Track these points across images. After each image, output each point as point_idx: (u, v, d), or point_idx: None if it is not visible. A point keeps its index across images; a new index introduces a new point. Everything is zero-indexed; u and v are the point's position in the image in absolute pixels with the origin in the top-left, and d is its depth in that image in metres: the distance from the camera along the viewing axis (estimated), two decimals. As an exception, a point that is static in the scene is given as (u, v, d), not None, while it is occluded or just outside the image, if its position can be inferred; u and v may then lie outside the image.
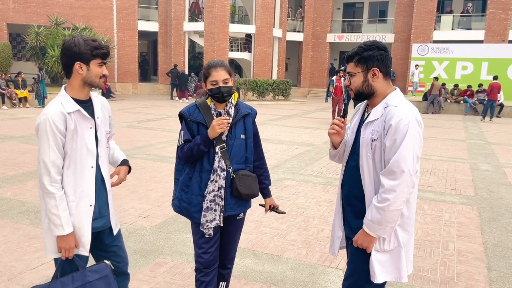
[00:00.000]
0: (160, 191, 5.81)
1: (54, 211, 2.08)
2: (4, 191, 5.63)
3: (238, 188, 2.49)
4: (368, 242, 2.09)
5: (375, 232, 2.04)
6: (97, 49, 2.14)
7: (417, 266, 3.77)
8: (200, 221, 2.51)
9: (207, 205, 2.49)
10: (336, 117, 2.27)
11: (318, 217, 4.97)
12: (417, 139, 1.99)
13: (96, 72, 2.17)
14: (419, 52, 23.28)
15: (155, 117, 14.30)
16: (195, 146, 2.42)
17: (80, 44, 2.11)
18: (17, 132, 10.46)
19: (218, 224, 2.53)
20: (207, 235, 2.53)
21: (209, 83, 2.46)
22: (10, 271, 3.47)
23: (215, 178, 2.48)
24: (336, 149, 2.33)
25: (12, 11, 21.82)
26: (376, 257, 2.10)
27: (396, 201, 1.97)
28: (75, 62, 2.13)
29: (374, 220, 2.02)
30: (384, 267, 2.11)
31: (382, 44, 2.14)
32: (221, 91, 2.44)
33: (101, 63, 2.18)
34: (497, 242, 4.44)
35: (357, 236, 2.13)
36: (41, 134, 2.08)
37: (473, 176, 7.33)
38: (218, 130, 2.39)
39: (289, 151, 8.96)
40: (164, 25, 25.67)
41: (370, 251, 2.11)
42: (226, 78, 2.45)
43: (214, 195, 2.49)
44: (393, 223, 2.03)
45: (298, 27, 29.21)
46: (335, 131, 2.24)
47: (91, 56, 2.13)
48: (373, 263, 2.09)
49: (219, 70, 2.45)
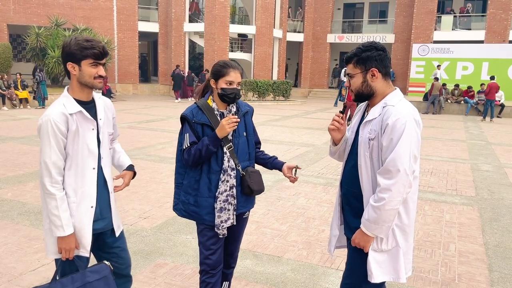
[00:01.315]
0: (160, 192, 5.80)
1: (55, 212, 2.08)
2: (5, 192, 5.63)
3: (250, 185, 2.51)
4: (365, 241, 2.09)
5: (371, 231, 2.05)
6: (86, 49, 2.09)
7: (418, 267, 3.76)
8: (211, 223, 2.50)
9: (221, 206, 2.48)
10: (336, 113, 2.27)
11: (318, 218, 4.96)
12: (414, 139, 1.99)
13: (88, 72, 2.12)
14: (420, 53, 23.27)
15: (155, 118, 14.30)
16: (204, 147, 2.40)
17: (71, 44, 2.10)
18: (17, 133, 10.46)
19: (232, 223, 2.53)
20: (221, 235, 2.52)
21: (224, 81, 2.45)
22: (10, 272, 3.46)
23: (226, 178, 2.48)
24: (336, 146, 2.33)
25: (12, 12, 21.82)
26: (373, 256, 2.10)
27: (392, 201, 1.97)
28: (67, 62, 2.12)
29: (371, 219, 2.03)
30: (381, 267, 2.11)
31: (381, 44, 2.15)
32: (235, 93, 2.46)
33: (93, 63, 2.12)
34: (498, 242, 4.43)
35: (355, 236, 2.14)
36: (43, 135, 2.08)
37: (474, 176, 7.32)
38: (228, 129, 2.39)
39: (289, 152, 8.95)
40: (164, 26, 25.68)
41: (367, 250, 2.11)
42: (240, 81, 2.51)
43: (227, 195, 2.49)
44: (390, 222, 2.03)
45: (299, 28, 29.20)
46: (335, 127, 2.25)
47: (81, 56, 2.10)
48: (370, 263, 2.10)
49: (237, 72, 2.48)
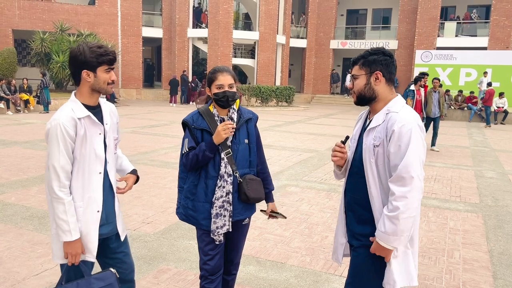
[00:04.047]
0: (163, 197, 5.81)
1: (63, 217, 2.08)
2: (8, 197, 5.64)
3: (246, 193, 2.49)
4: (385, 254, 2.05)
5: (390, 244, 1.99)
6: (102, 56, 2.14)
7: (422, 274, 3.74)
8: (207, 228, 2.50)
9: (217, 212, 2.48)
10: (336, 143, 2.25)
11: (322, 224, 4.94)
12: (421, 144, 2.00)
13: (103, 78, 2.17)
14: (423, 59, 23.26)
15: (159, 123, 14.33)
16: (201, 152, 2.42)
17: (86, 52, 2.12)
18: (21, 138, 10.50)
19: (228, 229, 2.52)
20: (217, 241, 2.52)
21: (215, 87, 2.48)
22: (14, 277, 3.46)
23: (222, 184, 2.48)
24: (341, 169, 2.33)
25: (17, 17, 22.00)
26: (394, 265, 2.06)
27: (409, 208, 1.94)
28: (82, 70, 2.14)
29: (389, 231, 1.97)
30: (400, 273, 2.08)
31: (389, 51, 2.16)
32: (227, 95, 2.46)
33: (108, 69, 2.18)
34: (503, 250, 4.40)
35: (373, 249, 2.08)
36: (52, 139, 2.08)
37: (478, 183, 7.29)
38: (224, 135, 2.39)
39: (292, 157, 8.94)
40: (168, 31, 25.81)
41: (388, 260, 2.07)
42: (231, 83, 2.49)
43: (222, 201, 2.49)
44: (408, 231, 1.98)
45: (302, 34, 29.29)
46: (338, 158, 2.24)
47: (97, 63, 2.13)
48: (393, 272, 2.05)
49: (225, 74, 2.48)
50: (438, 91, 10.35)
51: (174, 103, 22.28)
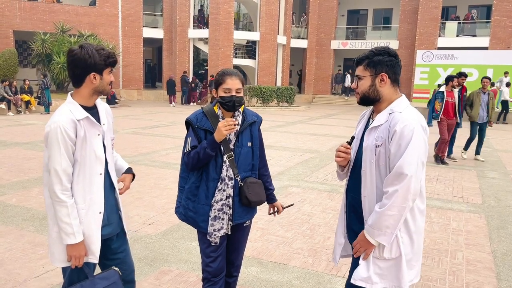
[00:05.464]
0: (164, 198, 5.79)
1: (66, 220, 2.06)
2: (9, 198, 5.63)
3: (248, 196, 2.47)
4: (366, 247, 2.07)
5: (374, 237, 2.02)
6: (109, 58, 2.17)
7: (426, 275, 3.72)
8: (206, 230, 2.49)
9: (215, 214, 2.46)
10: (342, 144, 2.22)
11: (324, 225, 4.92)
12: (422, 145, 1.98)
13: (107, 80, 2.21)
14: (424, 59, 23.24)
15: (160, 124, 14.32)
16: (202, 150, 2.39)
17: (94, 55, 2.12)
18: (22, 139, 10.50)
19: (226, 232, 2.51)
20: (213, 243, 2.50)
21: (222, 90, 2.44)
22: (15, 278, 3.45)
23: (223, 187, 2.46)
24: (344, 170, 2.31)
25: (18, 18, 22.02)
26: (375, 263, 2.07)
27: (395, 206, 1.95)
28: (90, 72, 2.13)
29: (374, 225, 2.01)
30: (383, 275, 2.08)
31: (393, 50, 2.13)
32: (233, 100, 2.42)
33: (111, 71, 2.23)
34: (506, 251, 4.37)
35: (357, 240, 2.12)
36: (52, 142, 2.06)
37: (480, 183, 7.26)
38: (225, 132, 2.36)
39: (293, 158, 8.92)
40: (169, 32, 25.81)
41: (365, 258, 2.08)
42: (239, 88, 2.45)
43: (222, 204, 2.47)
44: (393, 229, 1.99)
45: (302, 34, 29.28)
46: (342, 159, 2.22)
47: (104, 65, 2.16)
48: (370, 269, 2.07)
49: (234, 78, 2.44)
50: (488, 93, 9.14)
51: (174, 103, 22.28)
